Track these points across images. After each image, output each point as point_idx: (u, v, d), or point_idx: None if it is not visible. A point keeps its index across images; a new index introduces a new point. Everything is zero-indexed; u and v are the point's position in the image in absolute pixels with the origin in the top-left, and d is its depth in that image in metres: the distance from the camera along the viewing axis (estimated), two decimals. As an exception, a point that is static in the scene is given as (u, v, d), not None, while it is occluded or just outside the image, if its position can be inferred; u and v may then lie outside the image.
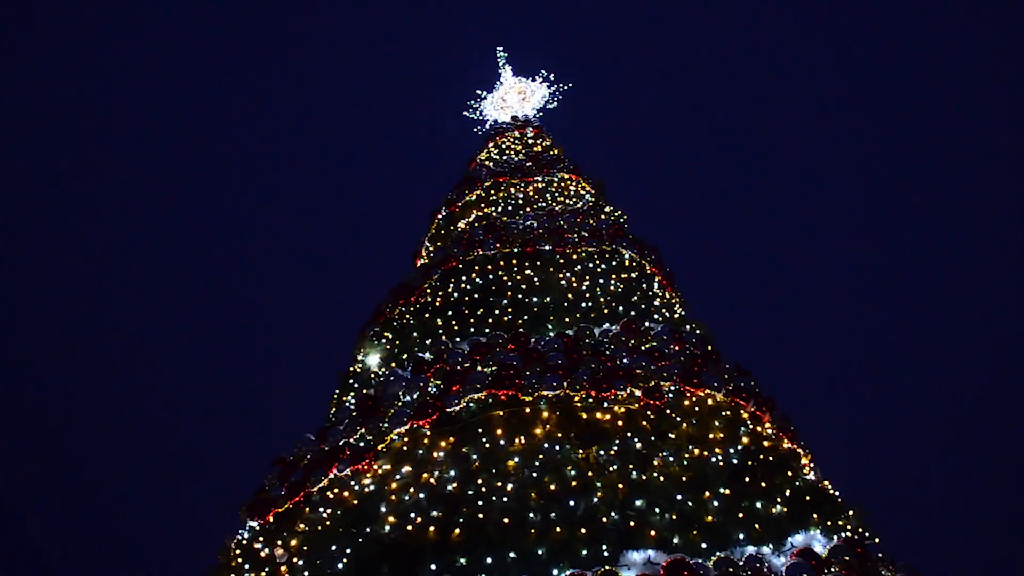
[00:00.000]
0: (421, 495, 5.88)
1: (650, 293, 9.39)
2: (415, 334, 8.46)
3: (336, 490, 6.39)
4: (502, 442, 6.28)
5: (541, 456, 6.10)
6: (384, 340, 8.91)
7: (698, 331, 9.50)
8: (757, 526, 5.86)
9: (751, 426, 7.10)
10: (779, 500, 6.21)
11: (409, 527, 5.63)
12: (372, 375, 8.35)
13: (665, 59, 39.61)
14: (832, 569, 5.40)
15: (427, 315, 8.67)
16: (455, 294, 8.86)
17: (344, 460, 6.67)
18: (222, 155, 37.93)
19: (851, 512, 7.15)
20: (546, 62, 16.47)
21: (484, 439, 6.32)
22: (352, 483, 6.32)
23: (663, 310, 9.25)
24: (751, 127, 39.50)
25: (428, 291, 9.30)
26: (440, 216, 11.87)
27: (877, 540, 7.17)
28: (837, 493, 7.46)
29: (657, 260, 10.55)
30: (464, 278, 9.10)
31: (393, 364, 8.21)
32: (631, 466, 6.06)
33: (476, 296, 8.71)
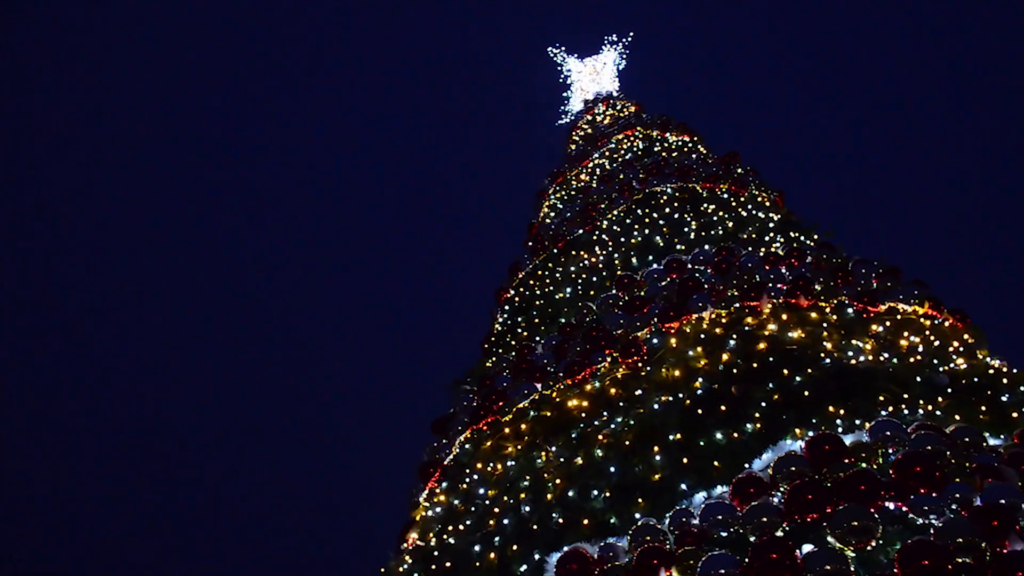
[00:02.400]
0: (408, 559, 5.96)
1: (686, 218, 8.30)
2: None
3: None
4: (476, 477, 6.10)
5: (505, 479, 5.80)
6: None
7: (770, 221, 8.15)
8: (717, 463, 4.82)
9: (755, 328, 5.85)
10: (756, 415, 5.02)
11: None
12: None
13: None
14: (780, 488, 4.20)
15: (481, 359, 8.71)
16: (499, 327, 8.80)
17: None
18: (318, 170, 38.16)
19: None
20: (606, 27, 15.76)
21: (465, 481, 6.19)
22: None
23: (708, 229, 8.10)
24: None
25: (496, 329, 9.33)
26: (529, 243, 11.85)
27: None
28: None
29: (719, 171, 9.30)
30: (507, 307, 9.00)
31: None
32: (578, 451, 5.45)
33: (510, 323, 8.56)
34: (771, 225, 8.25)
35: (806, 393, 5.09)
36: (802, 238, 8.15)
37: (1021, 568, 3.35)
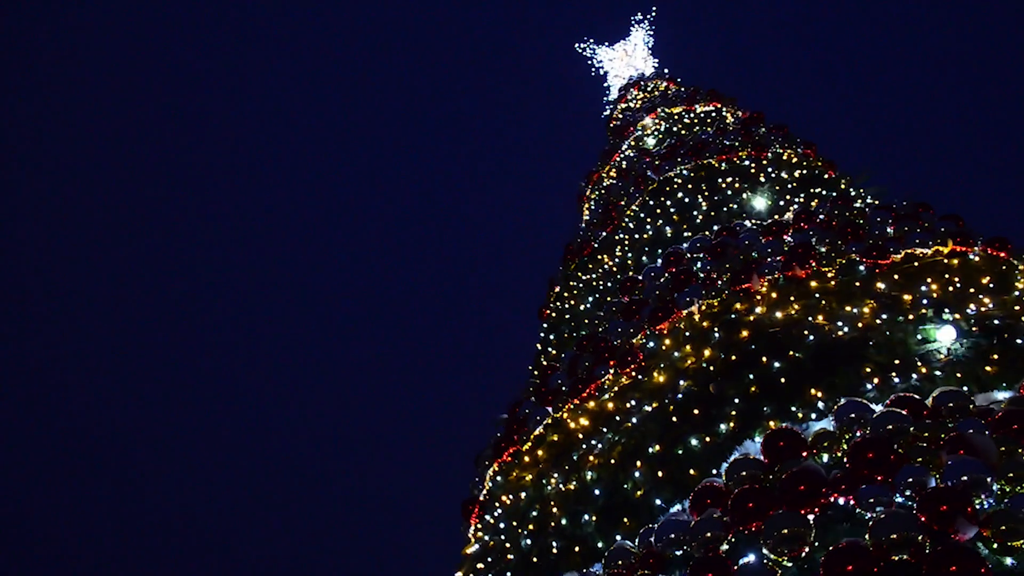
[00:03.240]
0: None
1: (698, 199, 7.94)
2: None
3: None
4: (501, 511, 6.13)
5: (519, 510, 5.80)
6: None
7: (791, 181, 7.68)
8: (692, 471, 4.59)
9: (742, 314, 5.51)
10: (732, 413, 4.73)
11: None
12: None
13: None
14: (731, 497, 3.93)
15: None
16: (538, 348, 8.77)
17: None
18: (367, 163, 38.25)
19: None
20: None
21: (494, 515, 6.24)
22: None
23: (720, 207, 7.72)
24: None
25: (537, 349, 9.30)
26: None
27: None
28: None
29: (736, 139, 8.84)
30: (545, 323, 8.95)
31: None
32: (572, 475, 5.36)
33: (542, 338, 8.52)
34: (791, 186, 7.75)
35: (782, 380, 4.76)
36: (824, 192, 7.60)
37: (958, 562, 2.99)
